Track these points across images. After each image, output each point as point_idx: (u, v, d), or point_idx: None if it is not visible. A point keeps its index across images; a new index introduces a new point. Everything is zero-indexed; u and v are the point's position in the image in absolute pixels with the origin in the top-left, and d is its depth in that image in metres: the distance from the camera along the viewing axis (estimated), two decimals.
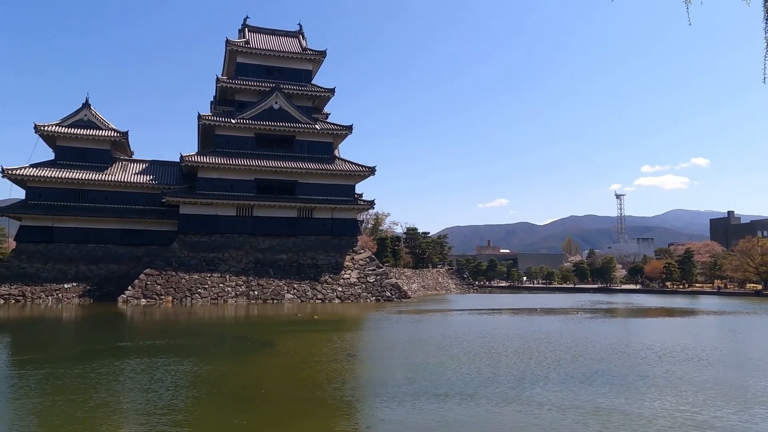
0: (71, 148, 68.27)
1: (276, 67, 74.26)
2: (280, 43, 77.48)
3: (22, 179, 65.14)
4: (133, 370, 21.72)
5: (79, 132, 68.13)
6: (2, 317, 46.52)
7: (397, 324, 41.58)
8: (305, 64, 75.73)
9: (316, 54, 75.89)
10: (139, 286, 60.74)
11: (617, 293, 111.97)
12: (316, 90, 74.42)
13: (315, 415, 15.61)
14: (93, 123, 69.76)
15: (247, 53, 73.42)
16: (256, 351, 27.70)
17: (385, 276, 71.24)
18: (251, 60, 73.56)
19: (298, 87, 73.39)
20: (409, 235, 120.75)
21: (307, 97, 74.35)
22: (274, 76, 73.65)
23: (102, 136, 69.17)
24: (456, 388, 18.38)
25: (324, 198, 70.21)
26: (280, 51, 74.75)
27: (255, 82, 72.43)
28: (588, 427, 14.25)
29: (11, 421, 14.65)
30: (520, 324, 41.72)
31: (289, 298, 64.12)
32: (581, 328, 39.32)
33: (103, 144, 69.67)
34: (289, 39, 79.46)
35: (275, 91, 71.37)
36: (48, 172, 65.64)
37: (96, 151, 69.14)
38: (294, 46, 77.63)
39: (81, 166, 67.41)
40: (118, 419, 15.12)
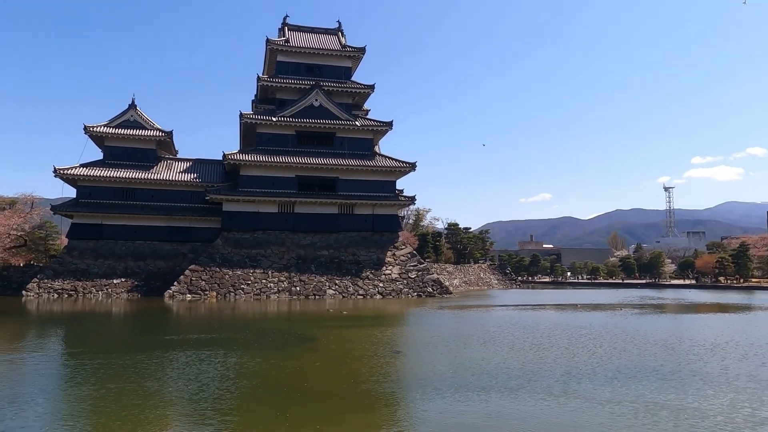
0: (119, 148, 70.08)
1: (315, 64, 74.59)
2: (319, 41, 77.80)
3: (73, 178, 67.23)
4: (179, 361, 22.09)
5: (125, 132, 69.88)
6: (57, 311, 48.10)
7: (439, 319, 41.26)
8: (344, 61, 75.83)
9: (355, 51, 75.92)
10: (184, 281, 62.00)
11: (666, 288, 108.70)
12: (355, 87, 74.50)
13: (357, 408, 15.54)
14: (139, 123, 71.45)
15: (287, 52, 73.97)
16: (298, 345, 27.81)
17: (427, 272, 70.89)
18: (291, 58, 74.09)
19: (338, 84, 73.58)
20: (450, 231, 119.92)
21: (347, 93, 74.49)
22: (313, 74, 74.01)
23: (148, 136, 70.78)
24: (499, 383, 18.05)
25: (365, 194, 70.22)
26: (319, 49, 75.06)
27: (295, 80, 72.90)
28: (638, 419, 13.74)
29: (68, 407, 15.39)
30: (565, 319, 40.83)
31: (330, 294, 64.44)
32: (629, 323, 38.26)
33: (149, 143, 71.30)
34: (329, 36, 79.70)
35: (315, 89, 71.70)
36: (97, 171, 67.52)
37: (142, 150, 70.80)
38: (333, 43, 77.83)
39: (128, 166, 69.10)
40: (166, 406, 15.49)
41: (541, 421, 13.84)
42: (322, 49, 75.10)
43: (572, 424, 13.65)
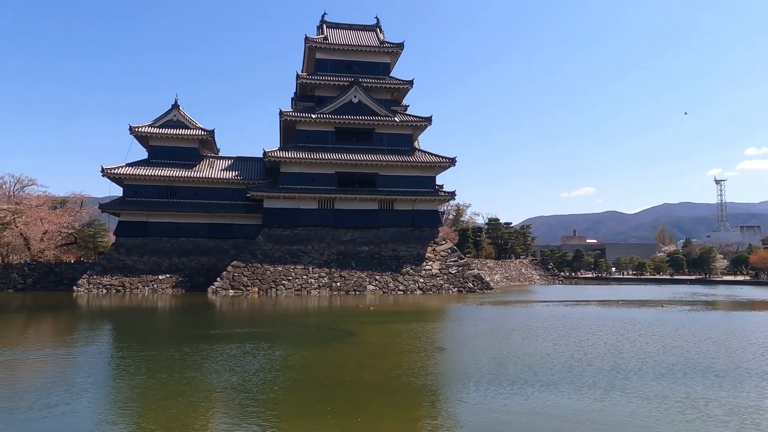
0: (163, 148, 71.60)
1: (354, 61, 74.73)
2: (357, 38, 77.88)
3: (120, 177, 69.04)
4: (224, 354, 22.42)
5: (169, 132, 71.35)
6: (105, 306, 49.50)
7: (480, 315, 40.84)
8: (383, 57, 75.74)
9: (394, 46, 75.73)
10: (227, 277, 63.02)
11: (718, 285, 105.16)
12: (394, 82, 74.33)
13: (398, 401, 15.45)
14: (182, 123, 72.85)
15: (325, 49, 74.28)
16: (339, 340, 27.90)
17: (467, 267, 70.32)
18: (330, 55, 74.38)
19: (377, 80, 73.52)
20: (490, 226, 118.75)
21: (386, 89, 74.41)
22: (352, 71, 74.13)
23: (190, 135, 72.11)
24: (542, 378, 17.73)
25: (404, 190, 70.06)
26: (357, 45, 75.17)
27: (334, 77, 73.15)
28: (686, 415, 13.23)
29: (118, 395, 16.05)
30: (611, 315, 39.86)
31: (370, 290, 64.55)
32: (679, 319, 37.14)
33: (192, 142, 72.64)
34: (367, 33, 79.71)
35: (354, 85, 71.83)
36: (142, 170, 69.16)
37: (185, 149, 72.19)
38: (371, 39, 77.81)
39: (172, 164, 70.55)
40: (210, 397, 15.78)
41: (585, 416, 13.50)
42: (360, 45, 75.19)
43: (617, 419, 13.24)
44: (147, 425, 13.30)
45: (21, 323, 37.03)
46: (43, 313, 42.97)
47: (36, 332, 32.60)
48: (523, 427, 12.99)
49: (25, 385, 17.33)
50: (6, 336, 29.34)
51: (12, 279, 67.51)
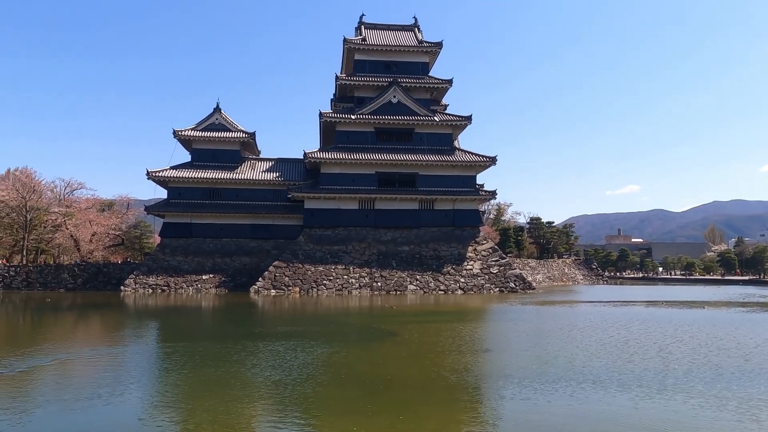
0: (205, 150, 72.82)
1: (393, 61, 74.64)
2: (396, 38, 77.77)
3: (164, 180, 70.49)
4: (267, 351, 22.54)
5: (211, 135, 72.53)
6: (152, 305, 50.52)
7: (522, 315, 40.09)
8: (421, 56, 75.42)
9: (432, 46, 75.33)
10: (268, 277, 63.61)
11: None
12: (433, 82, 73.93)
13: (439, 400, 15.23)
14: (224, 126, 73.95)
15: (364, 50, 74.39)
16: (381, 339, 27.74)
17: (509, 267, 69.32)
18: (368, 56, 74.46)
19: (416, 80, 73.25)
20: (532, 225, 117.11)
21: (425, 89, 74.07)
22: (391, 71, 74.04)
23: (232, 138, 73.14)
24: (587, 378, 17.33)
25: (445, 189, 69.55)
26: (396, 45, 75.06)
27: (373, 77, 73.18)
28: (740, 417, 12.48)
29: (165, 389, 16.42)
30: (657, 316, 38.62)
31: (411, 290, 64.23)
32: (732, 320, 35.73)
33: (233, 145, 73.66)
34: (405, 33, 79.53)
35: (393, 85, 71.70)
36: (186, 173, 70.46)
37: (227, 151, 73.26)
38: (410, 39, 77.57)
39: (214, 167, 71.69)
40: (253, 390, 15.87)
41: (632, 419, 12.97)
42: (398, 45, 75.05)
43: (666, 421, 12.64)
44: (192, 416, 13.42)
45: (72, 321, 38.05)
46: (93, 312, 44.09)
47: (86, 330, 33.44)
48: (567, 429, 12.51)
49: (76, 378, 17.71)
50: (59, 333, 30.17)
51: (63, 279, 69.61)
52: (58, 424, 12.84)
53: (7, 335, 30.33)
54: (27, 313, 42.80)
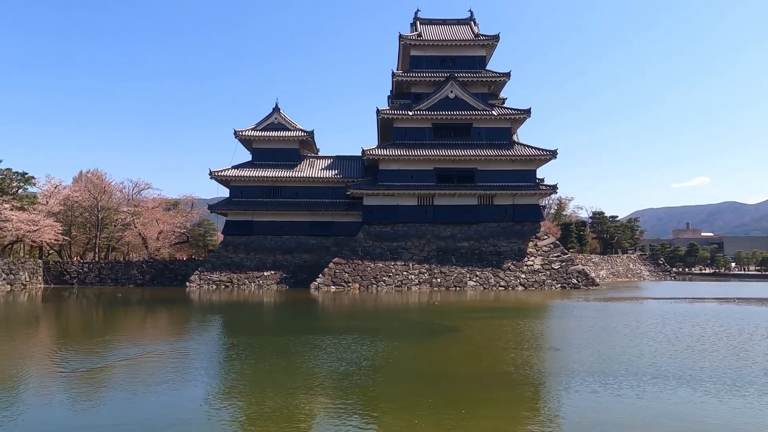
0: (265, 149, 74.16)
1: (449, 56, 73.98)
2: (451, 32, 77.05)
3: (226, 179, 72.20)
4: (328, 345, 22.61)
5: (271, 134, 73.82)
6: (216, 300, 51.79)
7: (586, 311, 38.90)
8: (478, 50, 74.39)
9: (489, 39, 74.19)
10: (328, 274, 64.16)
11: None
12: (490, 75, 72.84)
13: (501, 397, 14.91)
14: (283, 125, 75.10)
15: (419, 46, 73.99)
16: (442, 335, 27.48)
17: (571, 262, 67.51)
18: (424, 52, 74.03)
19: (473, 74, 72.35)
20: (595, 220, 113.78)
21: (482, 83, 73.05)
22: (447, 66, 73.42)
23: (291, 137, 74.20)
24: (654, 376, 16.64)
25: (504, 184, 68.36)
26: (452, 40, 74.34)
27: (429, 73, 72.73)
28: None
29: (231, 378, 16.88)
30: (731, 314, 36.62)
31: (471, 286, 63.49)
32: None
33: (292, 144, 74.70)
34: (461, 27, 78.69)
35: (450, 81, 71.04)
36: (247, 172, 71.96)
37: (286, 150, 74.39)
38: (466, 33, 76.67)
39: (274, 165, 72.93)
40: (314, 383, 15.95)
41: (701, 420, 12.16)
42: (454, 40, 74.31)
43: (737, 421, 11.82)
44: (255, 404, 13.58)
45: (142, 316, 39.39)
46: (161, 307, 45.52)
47: (155, 323, 34.51)
48: (634, 429, 11.89)
49: (145, 367, 18.11)
50: (131, 327, 31.25)
51: (132, 275, 72.29)
52: (129, 408, 13.15)
53: (85, 328, 31.60)
54: (100, 308, 44.58)
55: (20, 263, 67.63)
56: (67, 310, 42.56)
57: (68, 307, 44.91)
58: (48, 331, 29.99)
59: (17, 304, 46.71)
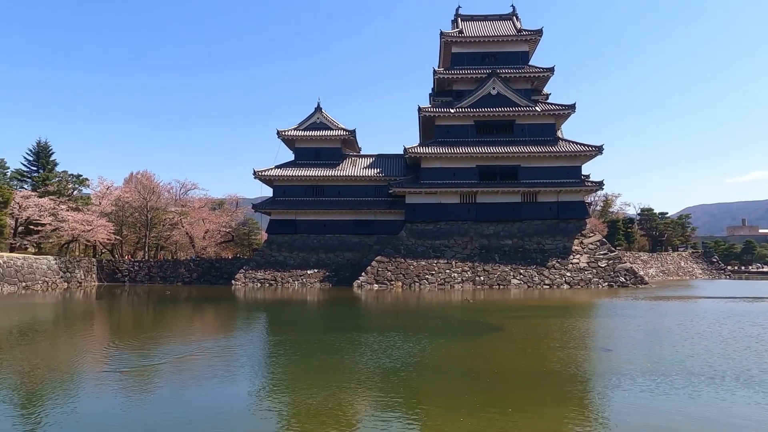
0: (308, 149, 74.91)
1: (491, 52, 73.25)
2: (493, 28, 76.25)
3: (269, 179, 73.23)
4: (372, 343, 22.65)
5: (313, 134, 74.51)
6: (261, 298, 52.60)
7: (634, 310, 37.90)
8: (521, 45, 73.44)
9: (532, 34, 73.15)
10: (371, 272, 64.38)
11: None
12: (533, 71, 71.76)
13: (548, 396, 14.62)
14: (325, 125, 75.72)
15: (461, 42, 73.49)
16: (485, 333, 27.18)
17: (618, 260, 65.96)
18: (466, 48, 73.48)
19: (515, 70, 71.43)
20: (643, 217, 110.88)
21: (525, 79, 72.05)
22: (489, 62, 72.70)
23: (333, 136, 74.75)
24: (708, 378, 15.91)
25: (548, 181, 67.35)
26: (494, 36, 73.58)
27: (471, 70, 72.16)
28: None
29: (276, 374, 17.13)
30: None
31: (515, 284, 62.74)
32: None
33: (334, 143, 75.23)
34: (503, 22, 77.80)
35: (492, 77, 70.33)
36: (289, 171, 72.84)
37: (328, 149, 74.98)
38: (508, 28, 75.75)
39: (316, 164, 73.62)
40: (359, 380, 15.95)
41: (764, 422, 11.65)
42: (496, 36, 73.54)
43: None
44: (300, 399, 13.66)
45: (190, 312, 40.29)
46: (208, 304, 46.46)
47: (203, 320, 35.25)
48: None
49: (193, 363, 18.49)
50: (180, 322, 31.98)
51: (180, 273, 74.07)
52: (178, 402, 13.44)
53: (137, 324, 32.51)
54: (150, 305, 45.80)
55: (76, 261, 70.09)
56: (119, 307, 43.88)
57: (121, 304, 46.30)
58: (103, 327, 30.96)
59: (74, 301, 48.41)
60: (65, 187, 76.71)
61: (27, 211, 67.49)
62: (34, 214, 67.29)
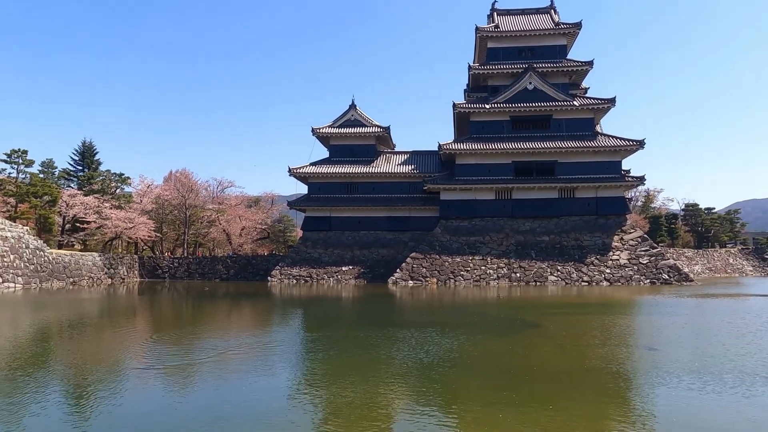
0: (342, 146, 75.23)
1: (528, 47, 72.32)
2: (530, 22, 75.25)
3: (304, 176, 73.81)
4: (407, 339, 22.54)
5: (347, 131, 74.79)
6: (296, 294, 53.02)
7: (679, 308, 36.87)
8: (558, 39, 72.29)
9: (570, 27, 71.92)
10: (406, 268, 64.30)
11: None
12: (571, 65, 70.65)
13: (587, 395, 14.24)
14: (359, 122, 75.92)
15: (497, 37, 72.74)
16: (522, 330, 26.77)
17: (661, 257, 64.40)
18: (502, 43, 72.71)
19: (553, 64, 70.42)
20: (688, 212, 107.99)
21: (563, 73, 70.95)
22: (526, 56, 71.81)
23: (367, 133, 74.90)
24: (763, 378, 15.10)
25: (587, 176, 66.21)
26: (531, 30, 72.59)
27: (507, 65, 71.40)
28: None
29: (313, 369, 17.14)
30: None
31: (552, 281, 61.88)
32: None
33: (369, 140, 75.38)
34: (540, 16, 76.72)
35: (528, 72, 69.46)
36: (324, 168, 73.27)
37: (363, 146, 75.18)
38: (545, 22, 74.66)
39: (351, 161, 73.91)
40: (394, 376, 15.89)
41: None
42: (533, 30, 72.53)
43: None
44: (336, 394, 13.70)
45: (228, 308, 40.88)
46: (245, 300, 47.10)
47: (241, 315, 35.72)
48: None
49: (233, 357, 18.70)
50: (219, 318, 32.49)
51: (218, 270, 75.31)
52: (219, 396, 13.60)
53: (178, 320, 33.13)
54: (190, 301, 46.62)
55: (119, 258, 71.90)
56: (161, 302, 44.82)
57: (162, 300, 47.30)
58: (147, 322, 31.62)
59: (118, 296, 49.63)
60: (108, 185, 78.71)
61: (73, 209, 69.58)
62: (79, 212, 69.30)
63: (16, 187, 65.68)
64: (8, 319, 31.05)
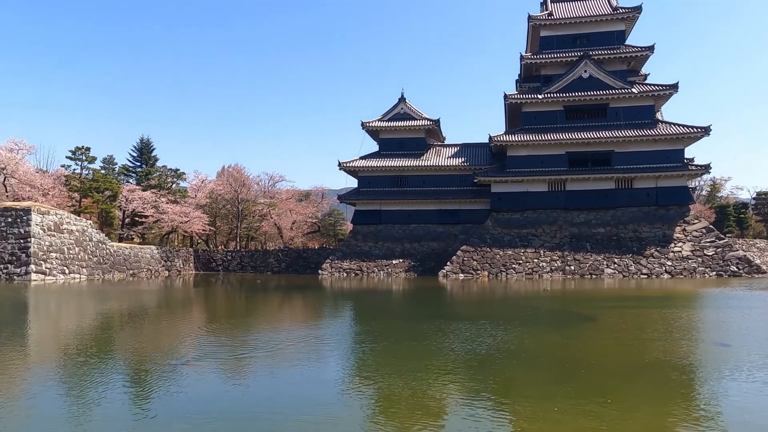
0: (392, 140, 75.03)
1: (582, 34, 70.29)
2: (585, 8, 73.07)
3: (354, 170, 73.99)
4: (459, 331, 22.17)
5: (397, 124, 74.54)
6: (346, 287, 53.27)
7: (750, 301, 35.03)
8: (616, 24, 69.93)
9: (629, 11, 69.41)
10: (456, 261, 63.65)
11: None
12: (630, 51, 68.21)
13: (648, 389, 13.43)
14: (409, 115, 75.53)
15: (550, 25, 70.98)
16: (578, 324, 25.97)
17: (729, 248, 61.52)
18: (555, 31, 70.89)
19: (609, 51, 68.18)
20: (760, 201, 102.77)
21: (621, 60, 68.62)
22: (581, 44, 69.81)
23: (417, 126, 74.47)
24: None
25: (646, 166, 63.94)
26: (586, 16, 70.52)
27: (560, 53, 69.59)
28: None
29: (364, 358, 17.22)
30: None
31: (608, 273, 60.08)
32: None
33: (418, 133, 74.93)
34: (596, 1, 74.39)
35: (583, 59, 67.52)
36: (374, 162, 73.24)
37: (412, 140, 74.79)
38: (602, 7, 72.36)
39: (401, 155, 73.65)
40: (446, 367, 15.63)
41: None
42: (589, 16, 70.46)
43: None
44: (388, 385, 13.51)
45: (280, 300, 41.37)
46: (297, 293, 47.55)
47: (292, 307, 36.05)
48: None
49: (285, 349, 18.75)
50: (271, 310, 32.86)
51: (270, 263, 76.46)
52: (271, 387, 13.60)
53: (233, 311, 33.69)
54: (243, 293, 47.41)
55: (175, 251, 73.91)
56: (215, 294, 45.76)
57: (216, 292, 48.29)
58: (203, 312, 32.24)
59: (175, 288, 51.00)
60: (165, 180, 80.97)
61: (132, 204, 71.92)
62: (138, 206, 71.56)
63: (81, 183, 68.36)
64: (75, 309, 32.35)
